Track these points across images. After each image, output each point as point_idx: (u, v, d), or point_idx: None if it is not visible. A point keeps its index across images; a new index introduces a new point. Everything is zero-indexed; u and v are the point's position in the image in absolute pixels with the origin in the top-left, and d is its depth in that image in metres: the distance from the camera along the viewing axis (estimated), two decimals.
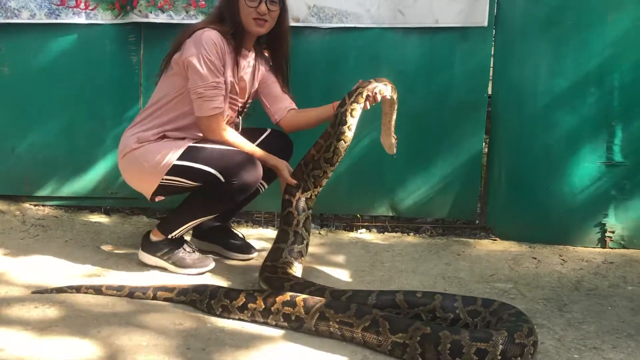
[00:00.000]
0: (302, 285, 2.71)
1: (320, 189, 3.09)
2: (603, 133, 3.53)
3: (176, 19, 3.62)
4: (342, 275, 3.13)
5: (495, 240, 3.71)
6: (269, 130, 3.27)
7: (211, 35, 2.93)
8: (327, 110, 3.09)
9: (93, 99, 3.76)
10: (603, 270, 3.29)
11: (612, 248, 3.58)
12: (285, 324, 2.52)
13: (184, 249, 3.10)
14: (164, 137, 3.01)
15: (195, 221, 3.08)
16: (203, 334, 2.47)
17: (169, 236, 3.07)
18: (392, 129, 3.08)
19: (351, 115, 2.96)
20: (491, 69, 3.72)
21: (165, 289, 2.77)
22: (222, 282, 2.97)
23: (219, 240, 3.32)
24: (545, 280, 3.14)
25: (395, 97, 3.02)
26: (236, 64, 3.02)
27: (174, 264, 3.06)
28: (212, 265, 3.11)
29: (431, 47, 3.67)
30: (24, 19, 3.63)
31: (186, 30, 3.01)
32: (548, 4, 3.51)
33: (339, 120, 2.96)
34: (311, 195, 3.07)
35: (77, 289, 2.77)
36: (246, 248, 3.33)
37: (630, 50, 3.46)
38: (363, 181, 3.78)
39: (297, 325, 2.50)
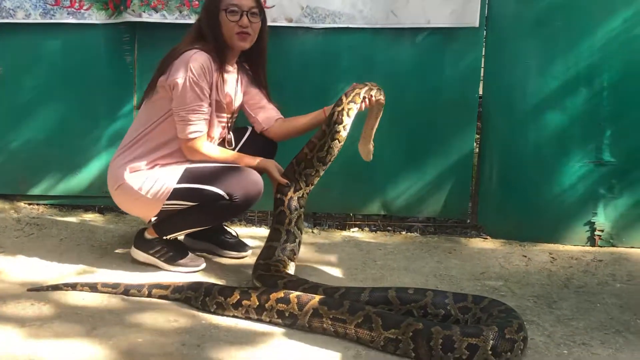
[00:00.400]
0: (295, 282, 2.74)
1: (312, 187, 3.12)
2: (592, 133, 3.57)
3: (169, 19, 3.64)
4: (334, 273, 3.16)
5: (486, 238, 3.75)
6: (250, 129, 3.28)
7: (199, 58, 2.92)
8: (318, 115, 3.10)
9: (87, 99, 3.79)
10: (592, 268, 3.34)
11: (601, 246, 3.62)
12: (279, 320, 2.55)
13: (176, 248, 3.13)
14: (155, 166, 3.01)
15: (193, 229, 3.12)
16: (198, 331, 2.49)
17: (164, 237, 3.09)
18: (373, 135, 3.12)
19: (347, 115, 2.99)
20: (482, 69, 3.76)
21: (160, 286, 2.80)
22: (216, 280, 2.99)
23: (212, 239, 3.34)
24: (535, 278, 3.18)
25: (383, 103, 3.07)
26: (222, 81, 3.02)
27: (166, 261, 3.09)
28: (204, 265, 3.13)
29: (423, 47, 3.70)
30: (19, 19, 3.65)
31: (172, 53, 2.98)
32: (538, 5, 3.55)
33: (334, 119, 2.99)
34: (303, 194, 3.09)
35: (73, 287, 2.80)
36: (240, 246, 3.35)
37: (619, 51, 3.50)
38: (356, 180, 3.81)
39: (290, 322, 2.53)
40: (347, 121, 3.01)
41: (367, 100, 3.00)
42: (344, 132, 3.01)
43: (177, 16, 3.64)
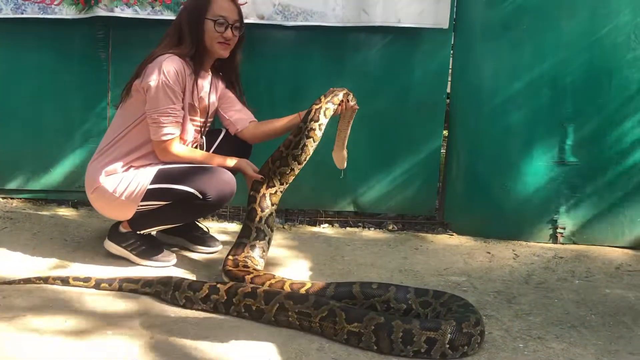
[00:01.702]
0: (262, 277, 2.80)
1: (287, 186, 3.17)
2: (555, 133, 3.68)
3: (142, 14, 3.64)
4: (303, 268, 3.23)
5: (452, 235, 3.84)
6: (224, 131, 3.33)
7: (172, 62, 2.97)
8: (293, 119, 3.15)
9: (62, 94, 3.82)
10: (553, 264, 3.44)
11: (563, 243, 3.73)
12: (247, 314, 2.61)
13: (149, 243, 3.18)
14: (130, 168, 3.07)
15: (167, 226, 3.20)
16: (167, 324, 2.55)
17: (138, 232, 3.15)
18: (346, 142, 3.18)
19: (324, 115, 3.05)
20: (450, 70, 3.84)
21: (131, 280, 2.85)
22: (186, 275, 3.04)
23: (184, 233, 3.39)
24: (498, 274, 3.27)
25: (356, 109, 3.13)
26: (196, 85, 3.08)
27: (137, 255, 3.14)
28: (174, 261, 3.19)
29: (393, 47, 3.77)
30: None
31: (147, 58, 3.03)
32: (505, 9, 3.64)
33: (311, 116, 3.04)
34: (276, 192, 3.15)
35: (45, 280, 2.84)
36: (211, 241, 3.41)
37: (581, 54, 3.61)
38: (327, 177, 3.85)
39: (257, 316, 2.59)
40: (323, 120, 3.07)
41: (343, 104, 3.07)
42: (319, 132, 3.07)
43: (150, 11, 3.64)
